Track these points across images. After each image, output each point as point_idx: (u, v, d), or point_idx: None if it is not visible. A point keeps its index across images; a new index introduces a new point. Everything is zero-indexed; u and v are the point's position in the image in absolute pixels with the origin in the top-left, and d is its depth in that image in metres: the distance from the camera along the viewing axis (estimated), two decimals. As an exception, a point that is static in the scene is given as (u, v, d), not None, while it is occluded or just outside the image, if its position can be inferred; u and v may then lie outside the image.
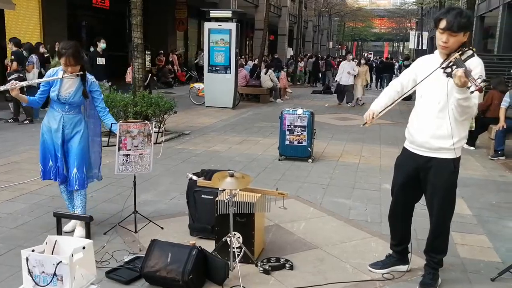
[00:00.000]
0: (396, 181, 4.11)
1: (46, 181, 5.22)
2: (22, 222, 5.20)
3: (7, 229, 5.01)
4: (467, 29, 3.50)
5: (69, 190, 4.92)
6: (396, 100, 3.91)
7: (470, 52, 3.46)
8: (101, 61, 12.15)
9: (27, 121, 11.59)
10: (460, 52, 3.43)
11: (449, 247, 4.74)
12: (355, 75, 18.19)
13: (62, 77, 4.62)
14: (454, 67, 3.31)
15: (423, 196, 4.03)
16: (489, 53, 26.50)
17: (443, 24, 3.50)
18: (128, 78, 13.63)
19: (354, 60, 20.45)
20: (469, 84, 3.15)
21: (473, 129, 10.05)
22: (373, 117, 3.82)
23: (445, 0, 40.68)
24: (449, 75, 3.37)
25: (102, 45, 12.60)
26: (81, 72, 4.70)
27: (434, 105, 3.66)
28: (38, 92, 4.81)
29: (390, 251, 4.33)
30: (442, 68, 3.44)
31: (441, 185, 3.78)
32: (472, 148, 10.12)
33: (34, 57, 12.18)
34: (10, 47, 11.72)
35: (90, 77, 4.86)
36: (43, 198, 5.97)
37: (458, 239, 5.09)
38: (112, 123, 4.91)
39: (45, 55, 15.13)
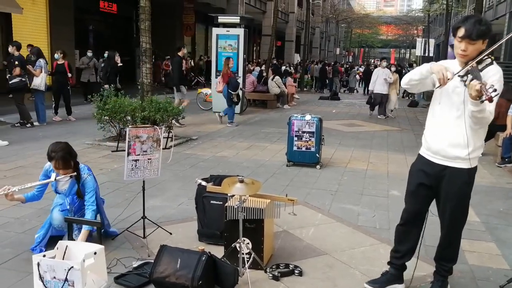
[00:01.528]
0: (409, 187, 4.04)
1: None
2: (30, 227, 5.20)
3: (15, 233, 5.03)
4: (486, 37, 3.45)
5: None
6: (467, 65, 3.46)
7: (489, 60, 3.42)
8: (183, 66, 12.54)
9: (29, 125, 11.62)
10: (477, 60, 3.39)
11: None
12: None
13: (55, 179, 4.50)
14: (470, 76, 3.25)
15: (433, 204, 4.00)
16: (496, 60, 26.43)
17: (461, 32, 3.46)
18: (219, 88, 13.77)
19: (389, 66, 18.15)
20: (481, 94, 3.11)
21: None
22: (449, 78, 3.43)
23: (452, 8, 40.66)
24: (465, 83, 3.33)
25: (185, 50, 12.94)
26: (74, 173, 4.53)
27: (452, 113, 3.61)
28: (36, 187, 4.67)
29: (387, 268, 4.18)
30: (459, 76, 3.39)
31: (454, 195, 3.73)
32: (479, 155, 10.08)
33: (42, 61, 12.22)
34: (12, 51, 11.73)
35: (84, 175, 4.63)
36: (50, 203, 5.91)
37: (466, 246, 5.06)
38: (90, 220, 4.50)
39: (119, 64, 15.11)
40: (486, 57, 3.45)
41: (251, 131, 12.63)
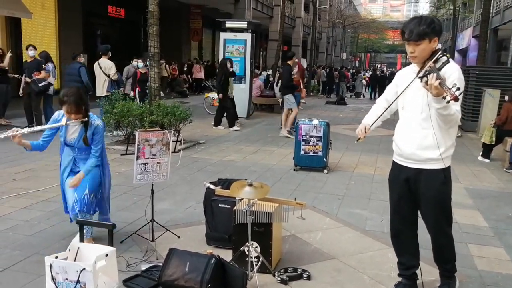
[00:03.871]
0: (392, 197, 4.03)
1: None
2: (39, 230, 5.24)
3: (24, 236, 5.05)
4: (431, 35, 3.43)
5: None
6: (383, 111, 3.83)
7: (445, 58, 3.39)
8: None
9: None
10: (434, 60, 3.36)
11: (466, 259, 4.76)
12: None
13: (66, 123, 4.50)
14: (430, 76, 3.22)
15: None
16: (503, 65, 26.43)
17: (405, 35, 3.49)
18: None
19: None
20: (445, 94, 3.11)
21: (493, 143, 9.98)
22: (366, 131, 3.76)
23: (459, 13, 40.63)
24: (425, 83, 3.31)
25: (296, 60, 13.40)
26: (85, 119, 4.55)
27: (417, 116, 3.60)
28: (43, 135, 4.66)
29: (399, 279, 4.13)
30: (419, 77, 3.37)
31: (433, 197, 3.69)
32: (487, 160, 10.07)
33: (50, 65, 12.28)
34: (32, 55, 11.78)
35: (95, 121, 4.64)
36: (59, 205, 5.97)
37: (475, 251, 5.06)
38: (89, 166, 4.65)
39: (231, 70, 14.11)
40: (441, 55, 3.41)
41: (258, 135, 12.65)
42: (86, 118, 4.56)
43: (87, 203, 4.62)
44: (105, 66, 11.83)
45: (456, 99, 3.04)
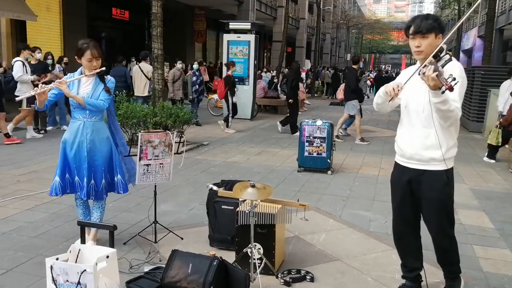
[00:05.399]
0: (394, 200, 4.01)
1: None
2: (43, 231, 5.23)
3: (28, 238, 5.04)
4: (437, 31, 3.46)
5: (86, 204, 4.84)
6: (411, 75, 3.56)
7: (447, 56, 3.38)
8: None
9: (42, 131, 11.64)
10: (435, 56, 3.35)
11: (471, 261, 4.73)
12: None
13: (86, 75, 4.52)
14: (427, 67, 3.18)
15: None
16: (508, 66, 26.33)
17: (412, 29, 3.51)
18: (340, 95, 14.08)
19: None
20: (441, 85, 3.08)
21: (499, 144, 9.93)
22: (399, 90, 3.52)
23: (464, 13, 40.47)
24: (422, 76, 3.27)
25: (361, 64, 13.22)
26: (103, 68, 4.59)
27: (419, 114, 3.57)
28: (51, 94, 4.52)
29: (403, 281, 4.09)
30: (419, 74, 3.33)
31: (435, 198, 3.66)
32: (493, 161, 10.02)
33: (57, 66, 12.36)
34: (40, 58, 11.77)
35: (108, 77, 4.72)
36: (63, 207, 6.00)
37: (480, 253, 5.03)
38: (93, 102, 4.53)
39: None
40: (444, 53, 3.41)
41: (262, 136, 12.64)
42: (104, 68, 4.64)
43: (103, 190, 4.72)
44: (147, 70, 12.64)
45: (451, 88, 3.00)
